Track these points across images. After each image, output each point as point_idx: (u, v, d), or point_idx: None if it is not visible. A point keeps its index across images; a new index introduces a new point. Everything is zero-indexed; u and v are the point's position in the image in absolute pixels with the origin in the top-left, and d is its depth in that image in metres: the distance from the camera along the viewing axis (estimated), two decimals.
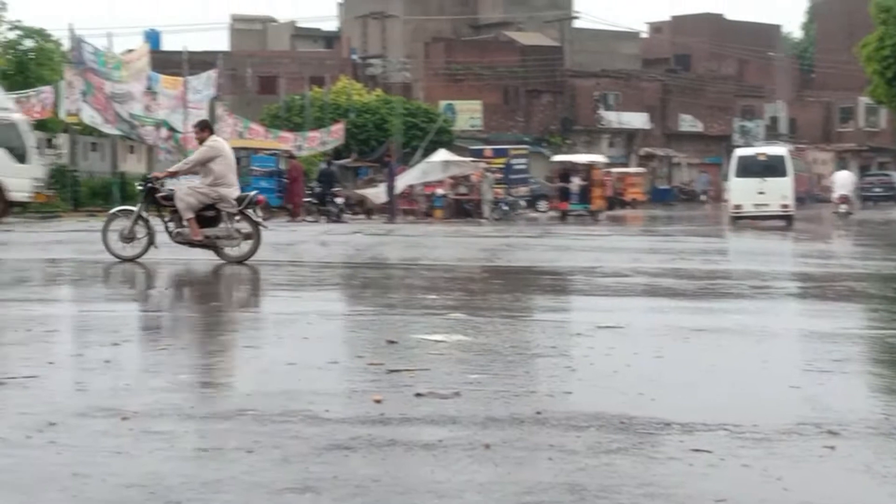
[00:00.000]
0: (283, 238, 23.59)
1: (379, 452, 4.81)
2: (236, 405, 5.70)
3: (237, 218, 15.50)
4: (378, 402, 5.80)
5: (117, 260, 15.41)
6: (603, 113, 78.39)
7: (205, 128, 16.14)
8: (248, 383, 6.39)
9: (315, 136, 51.55)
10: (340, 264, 17.41)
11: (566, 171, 43.86)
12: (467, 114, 70.57)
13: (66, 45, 45.10)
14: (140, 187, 16.22)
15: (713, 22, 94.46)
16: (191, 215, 15.34)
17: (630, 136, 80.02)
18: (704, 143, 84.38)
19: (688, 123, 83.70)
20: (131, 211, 15.82)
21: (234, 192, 15.59)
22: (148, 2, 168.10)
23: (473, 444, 4.95)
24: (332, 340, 8.57)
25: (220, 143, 15.99)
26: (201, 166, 15.59)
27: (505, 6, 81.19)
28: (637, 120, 79.36)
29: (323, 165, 39.98)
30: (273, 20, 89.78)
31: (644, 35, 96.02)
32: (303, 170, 40.23)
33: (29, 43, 49.98)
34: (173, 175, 16.17)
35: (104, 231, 15.86)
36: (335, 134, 52.46)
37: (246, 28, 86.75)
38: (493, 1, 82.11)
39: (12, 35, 49.72)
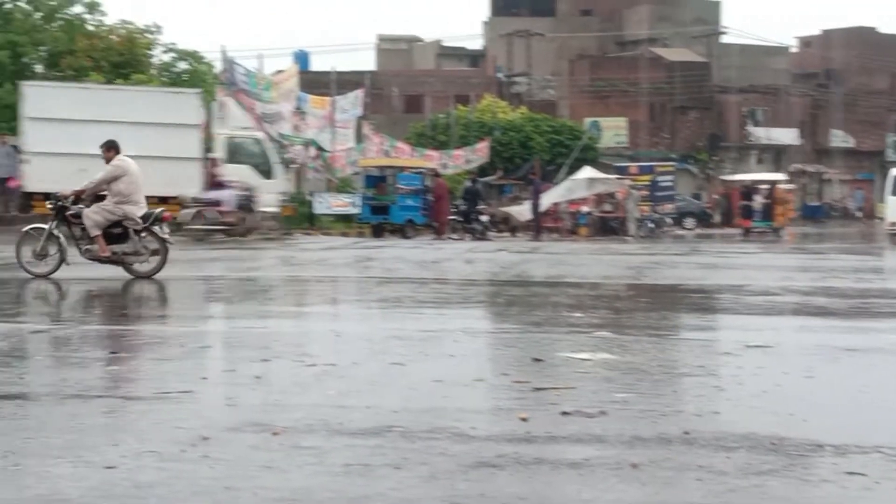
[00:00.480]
0: (429, 256, 23.73)
1: (525, 471, 4.80)
2: (384, 421, 5.74)
3: (143, 235, 15.99)
4: (524, 420, 5.80)
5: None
6: (751, 129, 77.22)
7: (111, 148, 16.70)
8: (395, 400, 6.44)
9: (460, 154, 51.78)
10: (485, 282, 17.43)
11: (748, 190, 45.10)
12: (612, 131, 70.19)
13: (218, 66, 46.08)
14: (50, 206, 16.63)
15: (865, 35, 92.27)
16: (98, 232, 15.88)
17: (779, 153, 78.63)
18: (856, 159, 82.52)
19: (839, 139, 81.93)
20: (43, 229, 16.25)
21: (140, 209, 16.09)
22: (297, 24, 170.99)
23: (620, 463, 4.92)
24: (477, 358, 8.58)
25: (126, 163, 16.50)
26: (107, 185, 16.13)
27: (651, 22, 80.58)
28: (786, 136, 78.01)
29: (468, 183, 40.12)
30: (419, 40, 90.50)
31: (794, 49, 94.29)
32: (448, 188, 40.41)
33: (182, 65, 51.16)
34: (80, 194, 16.51)
35: (17, 248, 16.30)
36: (480, 152, 52.62)
37: (392, 48, 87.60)
38: (640, 17, 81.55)
39: (167, 57, 50.98)
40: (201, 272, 18.29)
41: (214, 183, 31.96)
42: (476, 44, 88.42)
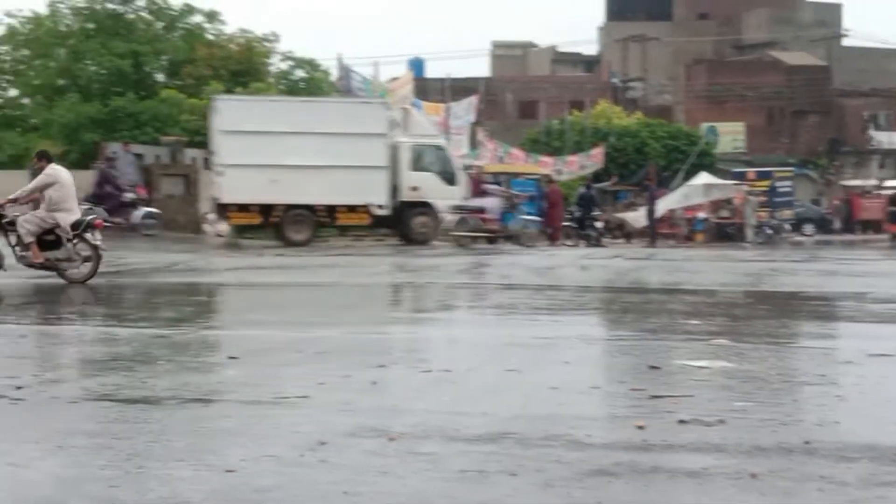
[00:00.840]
0: (543, 262, 23.69)
1: (642, 479, 4.77)
2: (499, 428, 5.74)
3: (76, 242, 16.38)
4: (641, 427, 5.75)
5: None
6: (873, 133, 75.71)
7: (42, 157, 17.33)
8: (510, 407, 6.43)
9: (574, 160, 51.61)
10: (600, 289, 17.35)
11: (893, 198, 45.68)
12: (730, 136, 69.32)
13: (334, 74, 46.59)
14: None
15: None
16: (31, 239, 16.34)
17: None
18: None
19: None
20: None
21: (71, 217, 16.48)
22: (412, 31, 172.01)
23: (739, 472, 4.86)
24: (593, 365, 8.54)
25: (57, 171, 16.91)
26: (40, 193, 16.58)
27: (769, 26, 79.56)
28: None
29: (582, 189, 39.95)
30: (533, 45, 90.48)
31: None
32: (562, 194, 40.32)
33: (300, 73, 51.83)
34: (14, 202, 16.91)
35: None
36: (595, 158, 52.37)
37: (507, 54, 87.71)
38: (758, 21, 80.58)
39: (284, 65, 51.71)
40: (315, 278, 18.49)
41: (479, 191, 32.86)
42: (591, 49, 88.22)
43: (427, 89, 50.87)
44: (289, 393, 6.77)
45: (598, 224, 37.79)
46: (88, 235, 16.46)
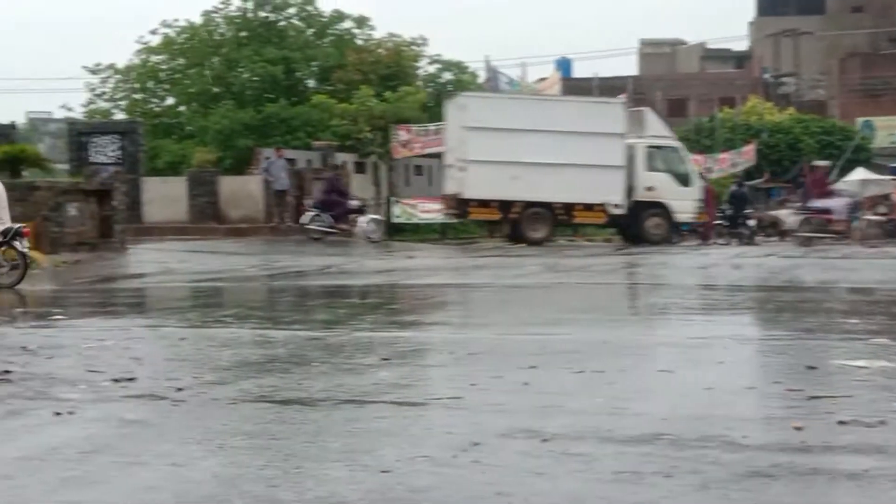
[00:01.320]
0: (695, 261, 23.42)
1: (801, 481, 4.69)
2: (653, 429, 5.70)
3: (4, 249, 16.74)
4: (798, 429, 5.65)
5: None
6: None
7: None
8: (664, 407, 6.37)
9: (725, 157, 50.86)
10: (754, 287, 17.08)
11: None
12: (886, 130, 67.55)
13: (482, 76, 46.74)
14: None
15: None
16: None
17: None
18: None
19: None
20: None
21: (1, 226, 16.75)
22: (560, 31, 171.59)
23: None
24: (747, 365, 8.43)
25: None
26: None
27: None
28: None
29: (734, 187, 39.33)
30: (682, 43, 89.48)
31: None
32: (714, 192, 39.76)
33: (447, 75, 52.08)
34: None
35: None
36: (746, 155, 51.54)
37: (655, 52, 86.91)
38: None
39: (432, 69, 52.00)
40: (468, 279, 18.56)
41: (824, 192, 33.27)
42: (741, 45, 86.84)
43: (575, 89, 50.66)
44: (441, 394, 6.82)
45: (751, 222, 37.19)
46: (16, 243, 16.88)
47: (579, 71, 70.80)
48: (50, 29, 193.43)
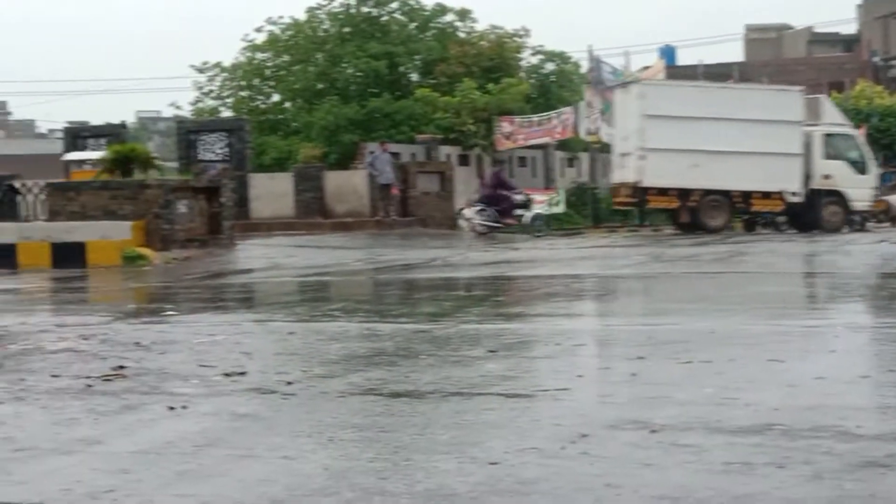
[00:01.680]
0: (804, 249, 23.09)
1: None
2: (764, 419, 5.63)
3: None
4: None
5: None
6: None
7: None
8: (775, 397, 6.29)
9: None
10: (866, 274, 16.78)
11: None
12: None
13: (584, 66, 46.49)
14: None
15: None
16: None
17: None
18: None
19: None
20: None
21: None
22: (664, 18, 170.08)
23: None
24: (860, 354, 8.29)
25: None
26: None
27: None
28: None
29: None
30: (789, 27, 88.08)
31: None
32: None
33: (550, 66, 51.85)
34: None
35: None
36: None
37: (761, 37, 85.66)
38: None
39: (535, 60, 51.82)
40: (572, 269, 18.50)
41: None
42: (849, 28, 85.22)
43: (679, 77, 50.13)
44: (548, 386, 6.81)
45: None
46: None
47: (684, 58, 70.04)
48: (158, 28, 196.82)
